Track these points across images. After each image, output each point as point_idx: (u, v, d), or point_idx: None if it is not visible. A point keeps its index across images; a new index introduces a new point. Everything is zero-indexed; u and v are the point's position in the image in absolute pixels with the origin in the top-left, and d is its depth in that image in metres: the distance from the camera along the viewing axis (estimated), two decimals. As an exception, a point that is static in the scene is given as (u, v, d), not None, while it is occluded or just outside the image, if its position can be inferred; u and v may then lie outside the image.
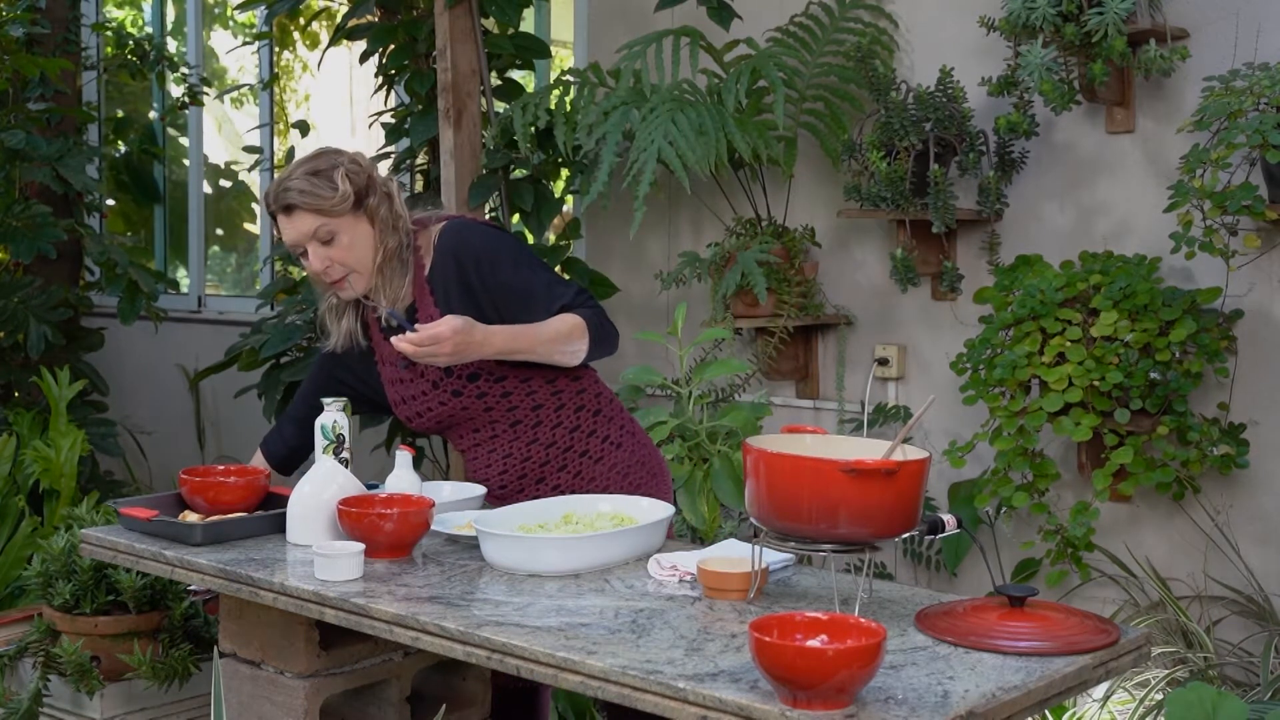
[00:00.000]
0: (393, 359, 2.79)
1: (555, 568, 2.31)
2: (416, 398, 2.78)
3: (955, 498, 3.94)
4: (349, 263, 2.69)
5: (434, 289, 2.72)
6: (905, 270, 3.88)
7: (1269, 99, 3.20)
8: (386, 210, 2.71)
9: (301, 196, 2.64)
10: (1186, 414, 3.41)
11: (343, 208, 2.66)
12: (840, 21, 4.12)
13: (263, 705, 2.56)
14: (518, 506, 2.55)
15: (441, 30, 4.15)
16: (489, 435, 2.79)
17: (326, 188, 2.65)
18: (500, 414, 2.76)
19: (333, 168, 2.68)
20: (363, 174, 2.70)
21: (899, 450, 2.09)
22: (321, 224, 2.65)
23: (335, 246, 2.67)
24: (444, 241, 2.73)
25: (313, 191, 2.64)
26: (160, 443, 5.96)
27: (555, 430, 2.78)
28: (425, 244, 2.76)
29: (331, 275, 2.69)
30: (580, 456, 2.80)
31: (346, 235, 2.67)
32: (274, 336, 4.15)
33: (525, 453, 2.78)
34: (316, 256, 2.67)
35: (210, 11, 6.44)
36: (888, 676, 1.82)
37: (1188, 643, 3.44)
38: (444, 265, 2.72)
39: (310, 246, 2.67)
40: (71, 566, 3.46)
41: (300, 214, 2.65)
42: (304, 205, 2.65)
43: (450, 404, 2.75)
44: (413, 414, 2.81)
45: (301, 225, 2.66)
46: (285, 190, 2.66)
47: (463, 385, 2.72)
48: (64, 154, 4.91)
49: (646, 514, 2.49)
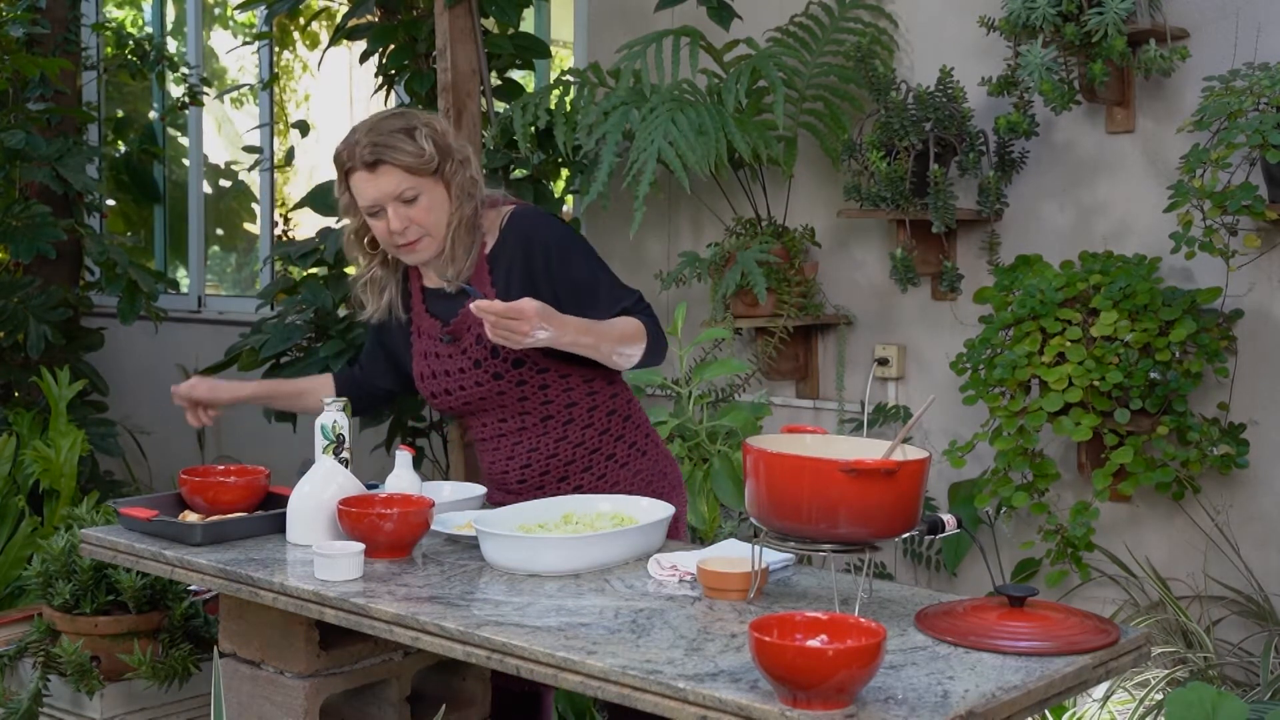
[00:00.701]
0: (432, 332, 2.74)
1: (555, 568, 2.31)
2: (451, 374, 2.72)
3: (955, 498, 3.94)
4: (426, 225, 2.63)
5: (493, 269, 2.67)
6: (905, 270, 3.88)
7: (1269, 99, 3.20)
8: (464, 176, 2.65)
9: (392, 152, 2.58)
10: (1186, 414, 3.41)
11: (429, 168, 2.60)
12: (840, 21, 4.12)
13: (262, 705, 2.56)
14: (518, 506, 2.55)
15: (441, 30, 4.15)
16: (517, 426, 2.74)
17: (414, 146, 2.59)
18: (534, 406, 2.71)
19: (415, 127, 2.62)
20: (443, 137, 2.65)
21: (899, 450, 2.09)
22: (408, 183, 2.59)
23: (415, 207, 2.61)
24: (515, 226, 2.69)
25: (403, 148, 2.58)
26: (160, 443, 5.96)
27: (585, 430, 2.74)
28: (490, 224, 2.71)
29: (408, 236, 2.63)
30: (606, 460, 2.76)
31: (427, 197, 2.62)
32: (274, 336, 4.15)
33: (552, 449, 2.73)
34: (397, 216, 2.61)
35: (210, 11, 6.44)
36: (888, 676, 1.82)
37: (1188, 643, 3.44)
38: (510, 248, 2.67)
39: (391, 206, 2.61)
40: (71, 566, 3.47)
41: (388, 170, 2.59)
42: (394, 161, 2.58)
43: (487, 386, 2.69)
44: (440, 390, 2.75)
45: (386, 183, 2.59)
46: (375, 145, 2.58)
47: (505, 369, 2.67)
48: (64, 154, 4.91)
49: (646, 514, 2.49)
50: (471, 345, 2.68)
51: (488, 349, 2.65)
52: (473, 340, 2.67)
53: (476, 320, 2.61)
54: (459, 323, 2.70)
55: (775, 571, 2.31)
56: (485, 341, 2.62)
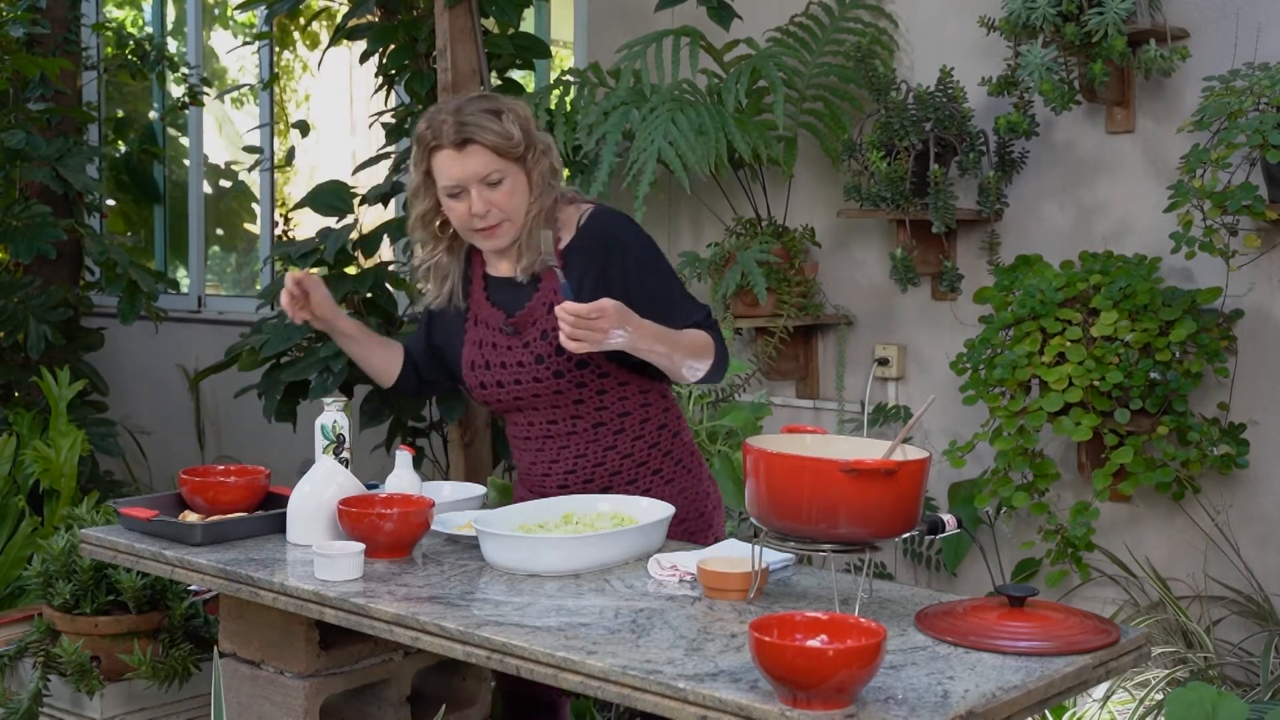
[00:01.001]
0: (492, 321, 2.68)
1: (555, 568, 2.31)
2: (508, 366, 2.64)
3: (955, 498, 3.94)
4: (507, 210, 2.58)
5: (567, 265, 2.60)
6: (905, 270, 3.88)
7: (1269, 99, 3.20)
8: (545, 166, 2.61)
9: (483, 132, 2.52)
10: (1186, 414, 3.41)
11: (515, 151, 2.55)
12: (840, 21, 4.12)
13: (262, 705, 2.56)
14: (518, 506, 2.55)
15: (442, 30, 4.15)
16: (566, 430, 2.66)
17: (502, 128, 2.54)
18: (588, 410, 2.64)
19: (502, 110, 2.56)
20: (527, 123, 2.59)
21: (899, 450, 2.09)
22: (495, 165, 2.54)
23: (498, 191, 2.56)
24: (595, 225, 2.63)
25: (497, 129, 2.53)
26: (160, 443, 5.96)
27: (635, 442, 2.67)
28: (567, 219, 2.65)
29: (488, 220, 2.57)
30: (652, 474, 2.69)
31: (510, 181, 2.56)
32: (274, 336, 4.15)
33: (600, 457, 2.66)
34: (480, 198, 2.55)
35: (210, 11, 6.44)
36: (888, 676, 1.82)
37: (1188, 643, 3.44)
38: (588, 247, 2.61)
39: (475, 188, 2.55)
40: (71, 566, 3.47)
41: (477, 150, 2.53)
42: (485, 142, 2.52)
43: (545, 383, 2.61)
44: (491, 382, 2.67)
45: (474, 163, 2.53)
46: (464, 124, 2.53)
47: (568, 368, 2.58)
48: (64, 154, 4.91)
49: (646, 514, 2.49)
50: (535, 339, 2.61)
51: (552, 345, 2.57)
52: (537, 334, 2.61)
53: (544, 314, 2.59)
54: (524, 315, 2.64)
55: (775, 571, 2.31)
56: (551, 337, 2.57)
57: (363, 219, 4.57)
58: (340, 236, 4.36)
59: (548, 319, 2.58)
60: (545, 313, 2.60)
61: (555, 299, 2.57)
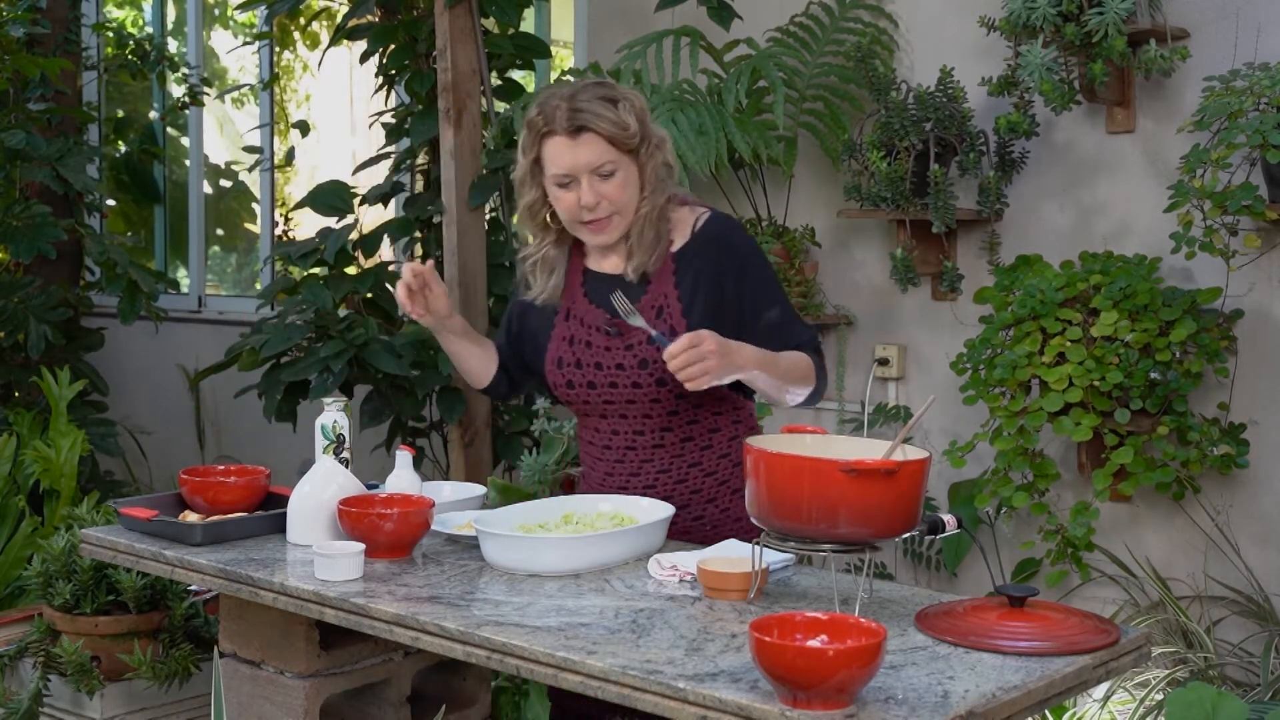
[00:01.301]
0: (589, 319, 2.56)
1: (555, 568, 2.31)
2: (604, 368, 2.53)
3: (955, 498, 3.94)
4: (618, 203, 2.47)
5: (679, 269, 2.52)
6: (905, 270, 3.88)
7: (1269, 99, 3.20)
8: (660, 160, 2.50)
9: (598, 120, 2.41)
10: (1186, 414, 3.41)
11: (630, 143, 2.44)
12: (840, 21, 4.12)
13: (263, 705, 2.56)
14: (519, 506, 2.54)
15: (442, 30, 4.15)
16: (653, 442, 2.56)
17: (619, 117, 2.42)
18: (680, 423, 2.55)
19: (618, 99, 2.45)
20: (644, 114, 2.48)
21: (899, 450, 2.09)
22: (609, 156, 2.43)
23: (610, 183, 2.45)
24: (711, 229, 2.54)
25: (612, 118, 2.42)
26: (160, 443, 5.96)
27: (720, 460, 2.59)
28: (681, 222, 2.56)
29: (598, 212, 2.47)
30: (732, 493, 2.60)
31: (623, 174, 2.45)
32: (274, 336, 4.15)
33: (683, 474, 2.57)
34: (591, 190, 2.44)
35: (210, 11, 6.44)
36: (888, 676, 1.82)
37: (1188, 643, 3.44)
38: (701, 251, 2.52)
39: (586, 178, 2.44)
40: (72, 566, 3.47)
41: (592, 139, 2.42)
42: (600, 130, 2.41)
43: (644, 389, 2.51)
44: (581, 381, 2.55)
45: (588, 152, 2.43)
46: (579, 111, 2.42)
47: (671, 375, 2.41)
48: (64, 154, 4.91)
49: (647, 514, 2.48)
50: (640, 342, 2.51)
51: (658, 349, 2.44)
52: (643, 337, 2.50)
53: (651, 318, 2.50)
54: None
55: (775, 571, 2.31)
56: (658, 342, 2.46)
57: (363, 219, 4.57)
58: (340, 236, 4.36)
59: (656, 324, 2.49)
60: (654, 317, 2.50)
61: (666, 301, 2.49)
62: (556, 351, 2.61)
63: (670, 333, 2.47)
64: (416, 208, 4.41)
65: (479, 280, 4.26)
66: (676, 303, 2.51)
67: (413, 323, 4.41)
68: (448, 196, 4.19)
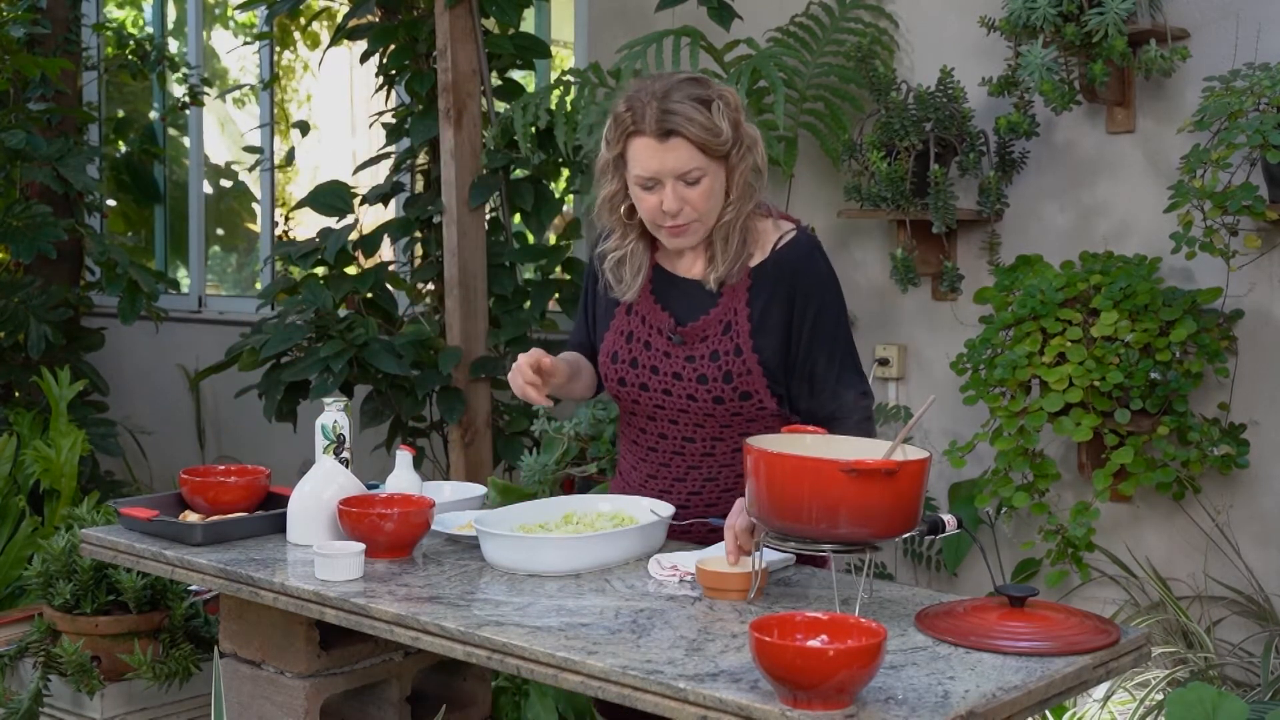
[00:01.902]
0: (655, 320, 2.47)
1: (556, 568, 2.31)
2: (662, 373, 2.45)
3: (955, 498, 3.94)
4: (701, 211, 2.36)
5: (754, 285, 2.42)
6: (905, 270, 3.88)
7: (1269, 99, 3.20)
8: (750, 164, 2.38)
9: (691, 125, 2.29)
10: (1187, 414, 3.41)
11: (721, 149, 2.32)
12: (840, 21, 4.12)
13: (263, 705, 2.56)
14: (518, 506, 2.54)
15: (442, 30, 4.16)
16: (702, 450, 2.49)
17: (711, 121, 2.30)
18: (731, 435, 2.46)
19: (713, 99, 2.32)
20: (737, 114, 2.36)
21: (899, 450, 2.09)
22: (697, 163, 2.31)
23: (697, 189, 2.33)
24: (796, 249, 2.43)
25: (704, 123, 2.30)
26: (160, 443, 5.96)
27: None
28: (763, 235, 2.45)
29: (680, 219, 2.36)
30: None
31: (710, 180, 2.34)
32: (274, 336, 4.15)
33: (730, 483, 2.49)
34: (674, 195, 2.33)
35: (211, 11, 6.44)
36: (888, 676, 1.82)
37: (1188, 643, 3.44)
38: (779, 269, 2.42)
39: (671, 183, 2.33)
40: (72, 566, 3.47)
41: (680, 144, 2.30)
42: (690, 136, 2.29)
43: (700, 403, 2.44)
44: (635, 383, 2.48)
45: (675, 158, 2.31)
46: (670, 113, 2.29)
47: (730, 395, 2.40)
48: (64, 154, 4.92)
49: (647, 514, 2.49)
50: (704, 358, 2.42)
51: (721, 370, 2.40)
52: (706, 353, 2.42)
53: (718, 333, 2.42)
54: (696, 327, 2.45)
55: (775, 571, 2.31)
56: (722, 361, 2.40)
57: (363, 219, 4.58)
58: (340, 236, 4.37)
59: (722, 340, 2.42)
60: (720, 332, 2.42)
61: (735, 318, 2.41)
62: (613, 345, 2.52)
63: (735, 352, 2.42)
64: (417, 208, 4.41)
65: (479, 280, 4.26)
66: (746, 321, 2.42)
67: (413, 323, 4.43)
68: (448, 196, 4.19)
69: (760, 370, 2.42)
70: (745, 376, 2.41)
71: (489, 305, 4.31)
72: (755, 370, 2.41)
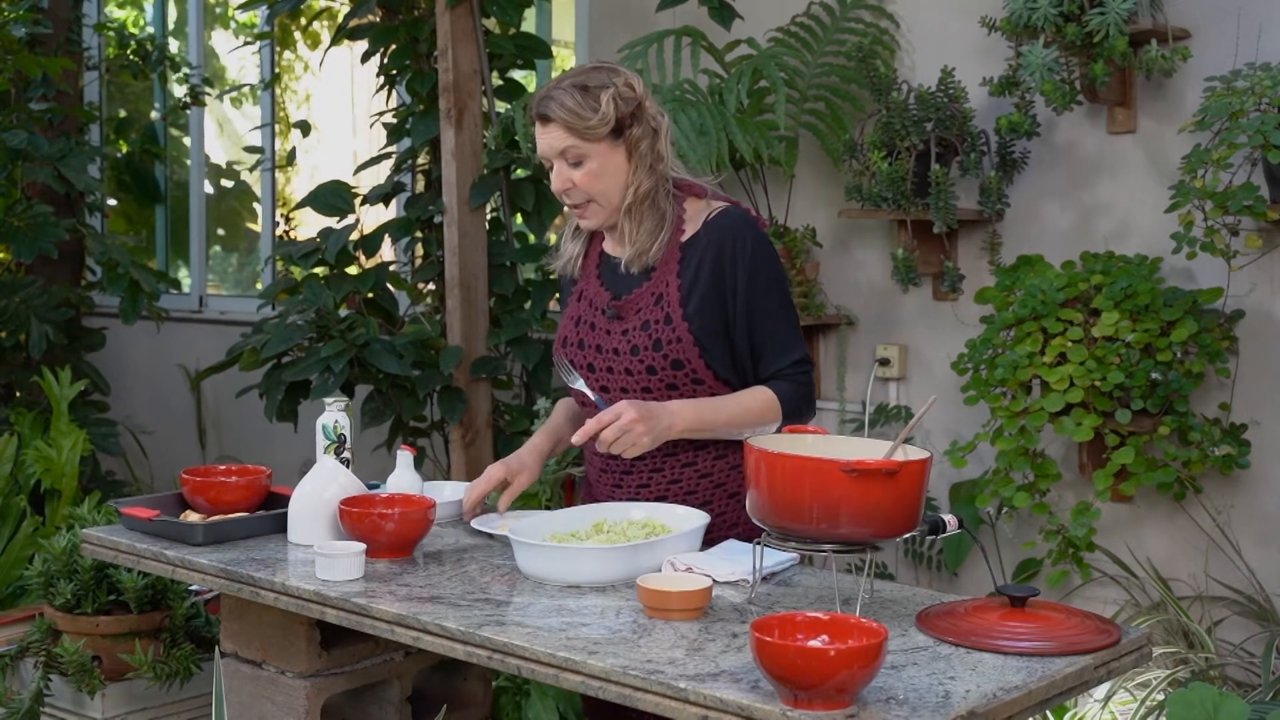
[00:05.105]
0: (597, 300, 2.58)
1: (594, 578, 2.23)
2: (604, 350, 2.54)
3: (956, 498, 3.94)
4: (592, 191, 2.49)
5: (684, 258, 2.50)
6: (906, 270, 3.88)
7: (1270, 99, 3.20)
8: (648, 146, 2.49)
9: (560, 109, 2.45)
10: (1188, 414, 3.41)
11: (599, 132, 2.45)
12: (841, 21, 4.12)
13: (264, 705, 2.56)
14: (547, 515, 2.48)
15: (443, 30, 4.16)
16: None
17: (588, 107, 2.45)
18: None
19: (602, 87, 2.46)
20: (632, 101, 2.48)
21: (900, 450, 2.09)
22: (572, 144, 2.46)
23: (581, 170, 2.47)
24: (724, 222, 2.51)
25: (573, 109, 2.45)
26: (161, 443, 5.96)
27: (716, 461, 2.55)
28: (693, 212, 2.54)
29: (570, 199, 2.51)
30: (729, 497, 2.55)
31: (596, 161, 2.47)
32: (275, 336, 4.15)
33: (676, 475, 2.54)
34: (560, 175, 2.49)
35: (211, 11, 6.45)
36: (889, 676, 1.82)
37: (1189, 643, 3.44)
38: (709, 242, 2.50)
39: (557, 163, 2.49)
40: (73, 566, 3.47)
41: (554, 128, 2.46)
42: (559, 120, 2.45)
43: (636, 377, 2.50)
44: (582, 364, 2.57)
45: (552, 140, 2.47)
46: (546, 99, 2.47)
47: (661, 365, 2.47)
48: (66, 154, 4.92)
49: (682, 521, 2.40)
50: (635, 329, 2.51)
51: (651, 338, 2.48)
52: (638, 324, 2.50)
53: (650, 304, 2.50)
54: (629, 300, 2.53)
55: (777, 572, 2.31)
56: (652, 330, 2.48)
57: (364, 219, 4.57)
58: (341, 236, 4.37)
59: (653, 310, 2.49)
60: (652, 304, 2.50)
61: (666, 289, 2.49)
62: (564, 330, 2.63)
63: (665, 320, 2.47)
64: (417, 208, 4.41)
65: (480, 280, 4.26)
66: (675, 291, 2.49)
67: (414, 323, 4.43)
68: (448, 196, 4.19)
69: (691, 339, 2.47)
70: (675, 344, 2.47)
71: (490, 305, 4.31)
72: (686, 338, 2.47)
